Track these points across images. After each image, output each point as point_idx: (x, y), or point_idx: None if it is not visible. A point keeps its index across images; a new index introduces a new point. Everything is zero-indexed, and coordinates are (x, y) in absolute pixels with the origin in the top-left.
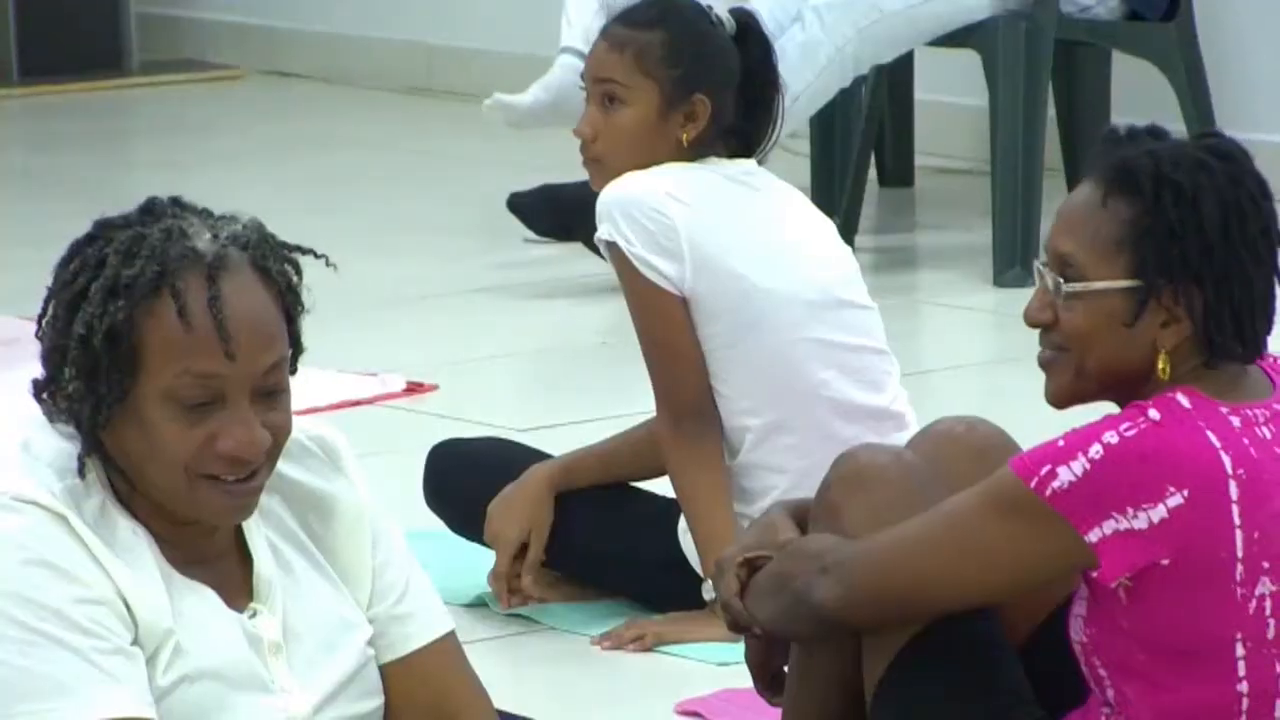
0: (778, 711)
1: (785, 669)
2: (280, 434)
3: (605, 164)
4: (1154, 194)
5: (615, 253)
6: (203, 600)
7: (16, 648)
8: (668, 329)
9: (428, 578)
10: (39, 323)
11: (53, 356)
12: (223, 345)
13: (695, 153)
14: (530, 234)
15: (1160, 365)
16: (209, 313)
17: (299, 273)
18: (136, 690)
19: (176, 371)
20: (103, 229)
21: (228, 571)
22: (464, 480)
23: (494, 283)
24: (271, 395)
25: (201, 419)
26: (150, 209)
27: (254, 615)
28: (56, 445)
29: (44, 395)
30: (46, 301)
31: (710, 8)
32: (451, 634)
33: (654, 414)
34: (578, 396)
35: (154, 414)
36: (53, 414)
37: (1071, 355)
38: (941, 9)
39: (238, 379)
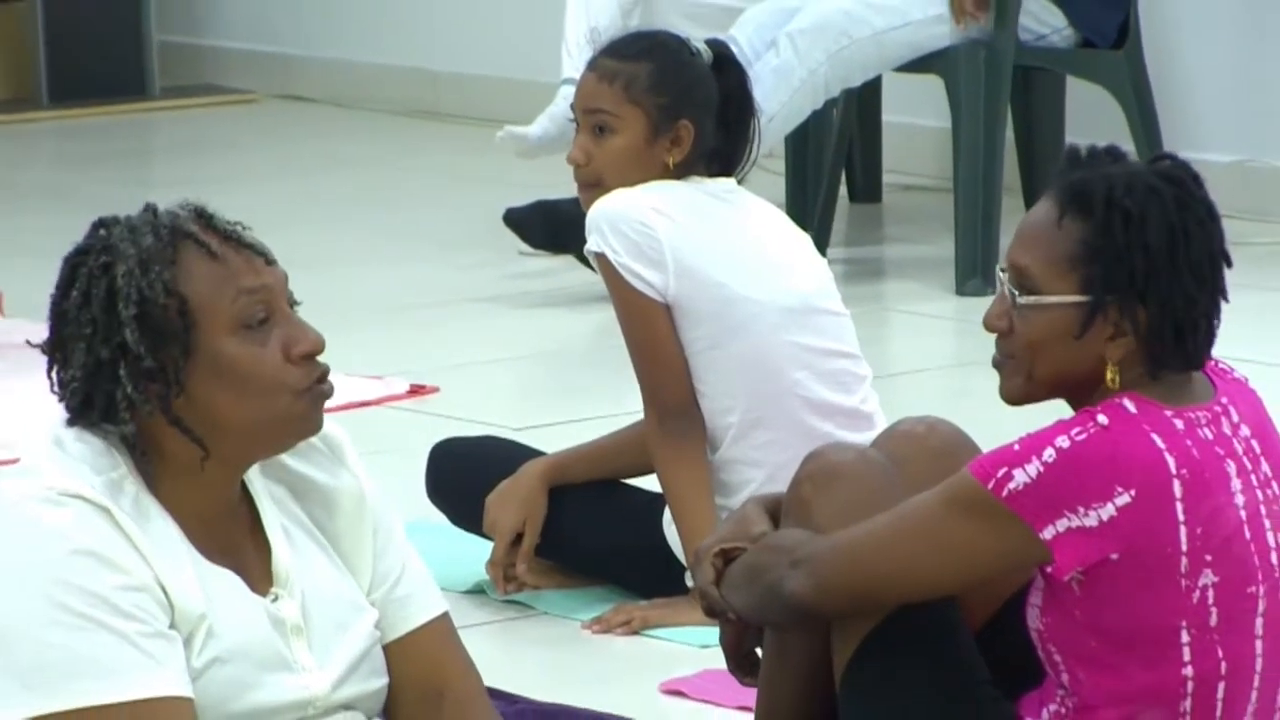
0: (752, 692)
1: (758, 651)
2: (323, 344)
3: (598, 187)
4: (1104, 217)
5: (603, 263)
6: (230, 586)
7: (65, 631)
8: (652, 334)
9: (423, 563)
10: (53, 375)
11: (106, 369)
12: (259, 257)
13: (680, 174)
14: (525, 247)
15: (1110, 376)
16: (227, 241)
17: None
18: (176, 671)
19: (232, 297)
20: (76, 257)
21: (249, 559)
22: (463, 476)
23: (492, 292)
24: (294, 308)
25: (264, 338)
26: (100, 224)
27: (275, 599)
28: (87, 441)
29: (84, 420)
30: (58, 347)
31: (688, 39)
32: (445, 615)
33: (639, 414)
34: (569, 398)
35: (229, 349)
36: (100, 424)
37: (1022, 361)
38: (908, 36)
39: (277, 286)
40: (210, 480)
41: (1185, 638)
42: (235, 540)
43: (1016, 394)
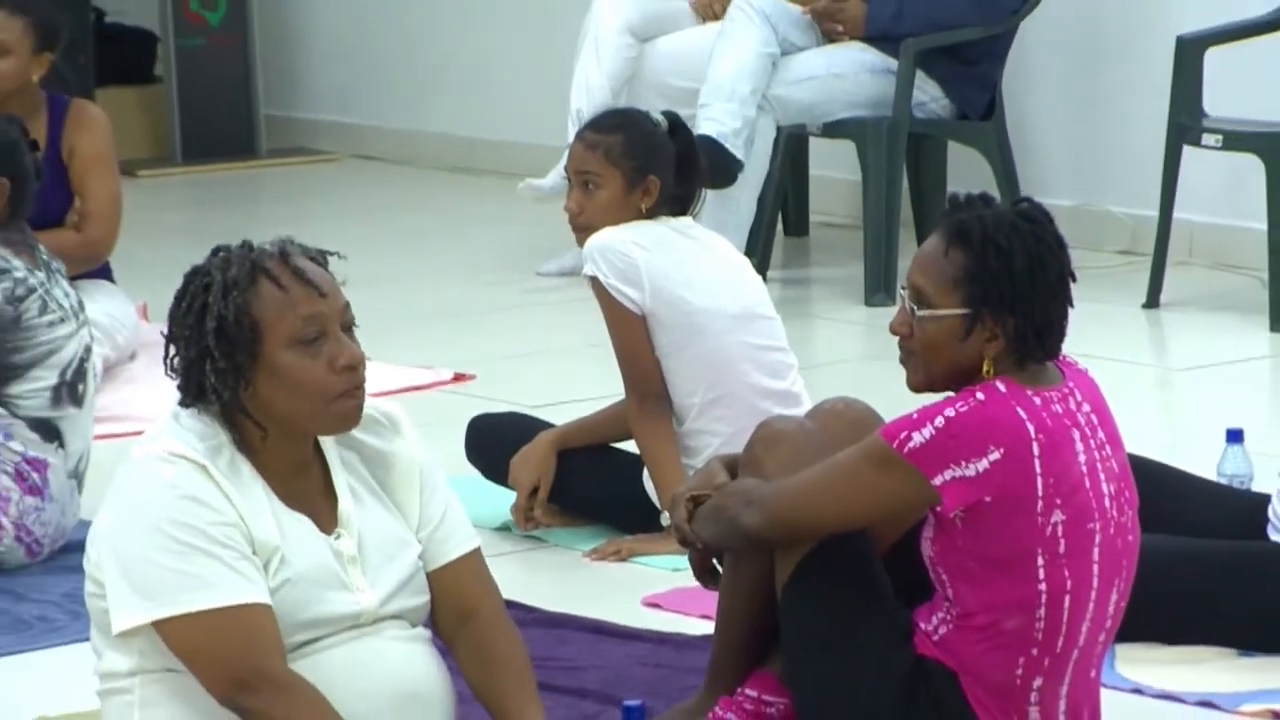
0: (714, 603)
1: (717, 565)
2: (363, 359)
3: (589, 231)
4: (981, 249)
5: (595, 284)
6: (301, 526)
7: (174, 556)
8: (632, 337)
9: (462, 507)
10: (168, 361)
11: (196, 364)
12: (315, 290)
13: (650, 215)
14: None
15: (985, 368)
16: (295, 276)
17: (326, 265)
18: (259, 586)
19: (291, 321)
20: (190, 276)
21: (319, 506)
22: (493, 442)
23: (515, 303)
24: (349, 330)
25: (316, 352)
26: (216, 249)
27: (338, 537)
28: (196, 417)
29: (188, 401)
30: (170, 341)
31: (649, 112)
32: (477, 550)
33: (624, 396)
34: (573, 383)
35: (286, 361)
36: (194, 408)
37: (921, 359)
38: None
39: (330, 313)
40: (279, 449)
41: (1040, 561)
42: (309, 492)
43: (920, 386)
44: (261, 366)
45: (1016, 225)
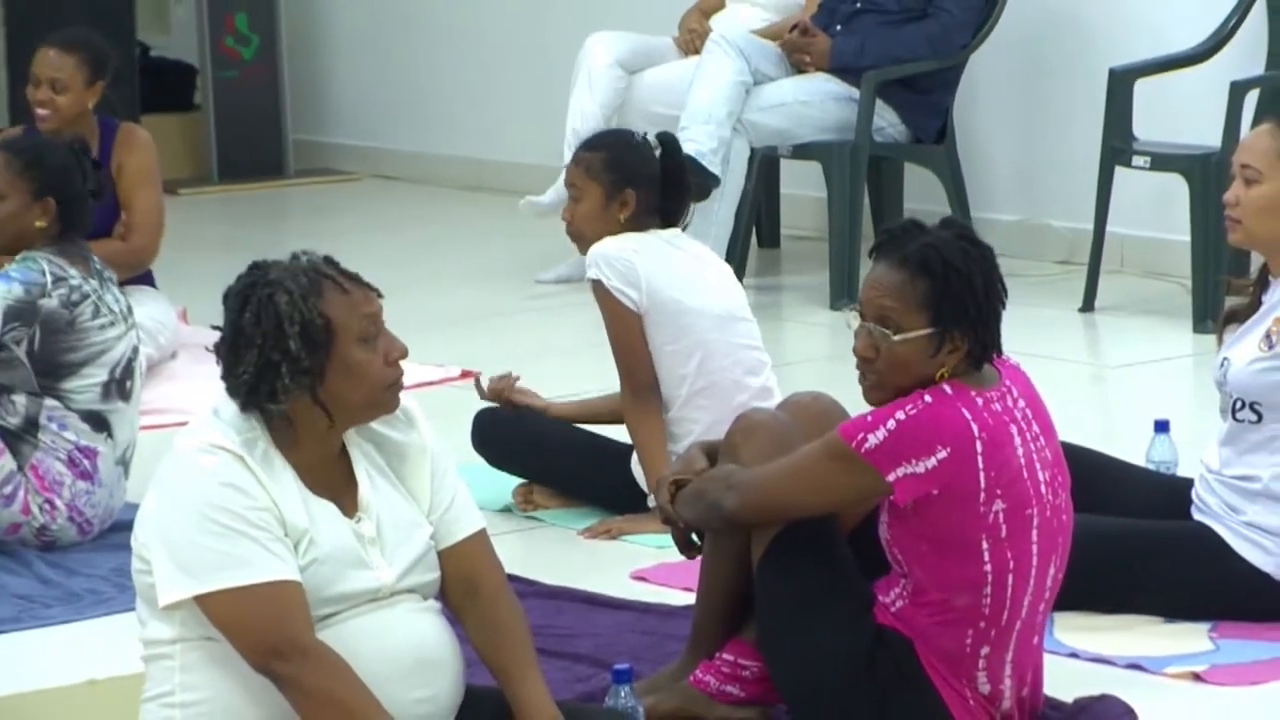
0: (695, 577)
1: (695, 539)
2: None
3: (579, 237)
4: (944, 276)
5: (599, 286)
6: (326, 511)
7: (215, 538)
8: (629, 334)
9: (469, 491)
10: (231, 371)
11: (269, 369)
12: (372, 292)
13: (638, 225)
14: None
15: (940, 374)
16: (353, 281)
17: None
18: (291, 565)
19: (357, 319)
20: (248, 290)
21: (343, 493)
22: (497, 433)
23: (518, 308)
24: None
25: (374, 347)
26: (255, 264)
27: (359, 521)
28: (235, 413)
29: (258, 401)
30: (238, 350)
31: (645, 134)
32: (483, 530)
33: (617, 390)
34: (569, 380)
35: (357, 356)
36: (251, 405)
37: (888, 378)
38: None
39: (380, 312)
40: (324, 440)
41: (985, 545)
42: (334, 481)
43: (884, 401)
44: (334, 363)
45: (966, 249)
